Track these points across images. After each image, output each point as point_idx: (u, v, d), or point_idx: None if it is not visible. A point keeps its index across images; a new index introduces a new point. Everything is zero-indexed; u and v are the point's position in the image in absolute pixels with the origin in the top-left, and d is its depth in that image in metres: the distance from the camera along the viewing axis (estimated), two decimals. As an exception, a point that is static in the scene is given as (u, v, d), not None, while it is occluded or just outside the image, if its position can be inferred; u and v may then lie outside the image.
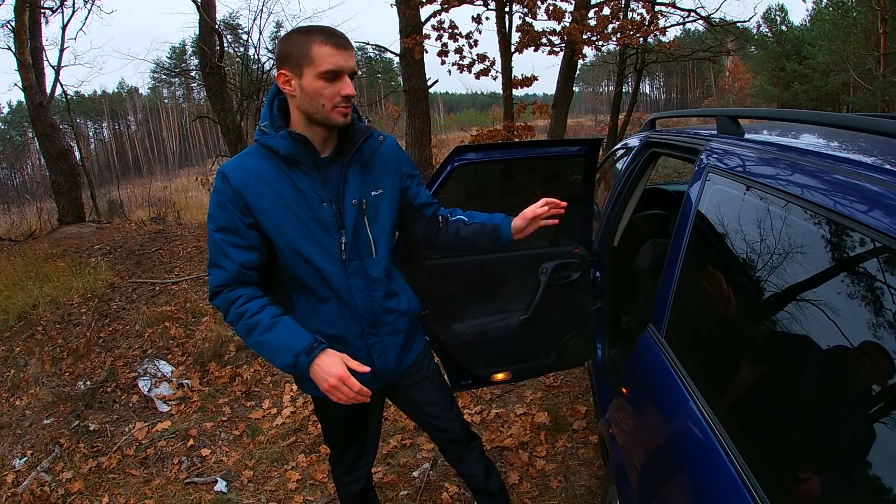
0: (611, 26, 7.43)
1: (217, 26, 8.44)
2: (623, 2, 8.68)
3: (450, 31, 7.21)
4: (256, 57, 9.58)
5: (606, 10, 7.80)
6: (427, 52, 7.37)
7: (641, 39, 8.61)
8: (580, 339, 2.22)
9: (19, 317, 4.66)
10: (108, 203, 11.63)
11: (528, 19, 7.15)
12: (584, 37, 7.12)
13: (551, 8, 7.04)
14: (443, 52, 7.24)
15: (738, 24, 11.43)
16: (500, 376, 2.19)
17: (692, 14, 9.93)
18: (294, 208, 1.35)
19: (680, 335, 1.33)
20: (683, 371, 1.22)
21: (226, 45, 8.65)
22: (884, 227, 0.77)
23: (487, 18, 7.38)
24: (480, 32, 7.46)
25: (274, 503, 2.43)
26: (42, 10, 8.92)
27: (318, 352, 1.30)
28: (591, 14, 7.62)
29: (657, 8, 9.01)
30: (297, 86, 1.30)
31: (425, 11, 7.40)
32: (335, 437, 1.71)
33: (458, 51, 7.26)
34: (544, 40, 7.28)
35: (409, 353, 1.61)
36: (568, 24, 7.03)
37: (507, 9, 7.28)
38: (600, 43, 7.58)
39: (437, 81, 8.24)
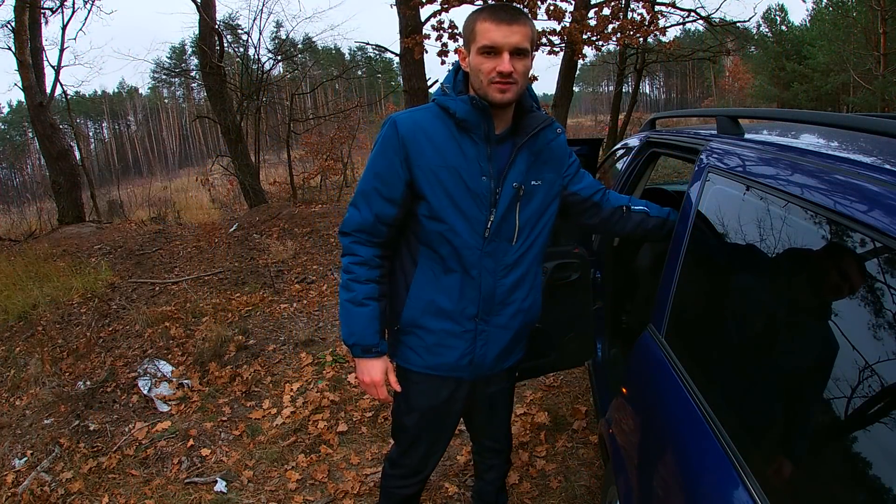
0: (611, 26, 7.43)
1: (217, 26, 8.44)
2: (623, 2, 8.67)
3: (450, 31, 7.20)
4: (256, 57, 9.59)
5: (606, 10, 7.80)
6: (427, 52, 7.37)
7: (641, 39, 8.61)
8: (580, 339, 2.22)
9: (19, 317, 4.66)
10: (108, 203, 11.65)
11: (528, 19, 7.14)
12: (584, 37, 7.11)
13: (551, 8, 7.03)
14: (443, 52, 7.24)
15: (738, 24, 11.43)
16: None
17: (692, 14, 9.92)
18: (453, 173, 1.34)
19: (680, 335, 1.33)
20: (683, 371, 1.22)
21: (226, 45, 8.66)
22: (884, 227, 0.77)
23: (488, 18, 7.37)
24: (480, 32, 7.44)
25: (274, 503, 2.44)
26: (42, 10, 8.92)
27: (372, 355, 1.45)
28: (591, 14, 7.62)
29: (657, 8, 9.00)
30: (468, 62, 1.34)
31: (425, 11, 7.40)
32: (407, 427, 1.60)
33: (459, 51, 7.26)
34: (544, 40, 7.28)
35: (508, 357, 1.56)
36: (568, 24, 7.03)
37: (507, 9, 7.26)
38: (600, 43, 7.58)
39: (437, 81, 8.23)
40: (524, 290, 1.48)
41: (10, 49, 8.32)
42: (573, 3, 7.57)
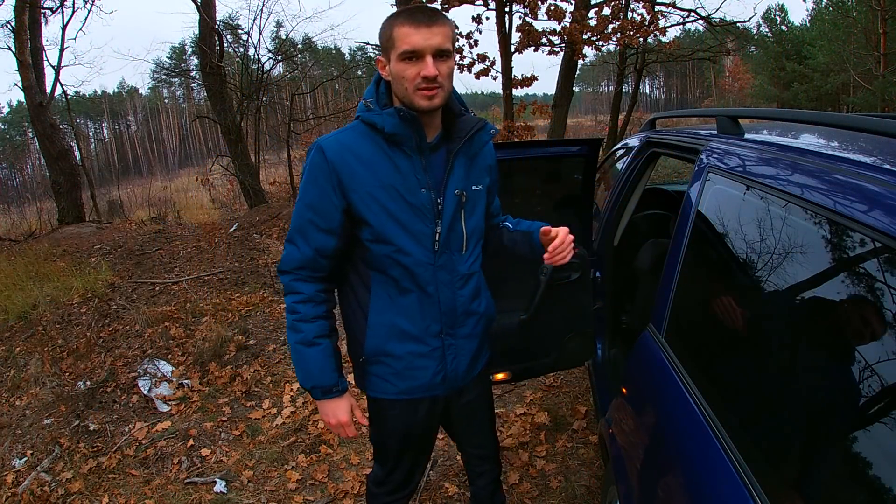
0: (611, 26, 7.44)
1: (217, 26, 8.44)
2: (623, 2, 8.67)
3: (450, 31, 7.20)
4: (256, 57, 9.58)
5: (606, 10, 7.81)
6: (427, 52, 7.37)
7: (641, 39, 8.61)
8: (580, 339, 2.21)
9: (19, 317, 4.66)
10: (108, 203, 11.66)
11: (528, 19, 7.16)
12: (585, 37, 7.12)
13: (552, 8, 7.05)
14: (443, 53, 7.24)
15: (738, 24, 11.43)
16: (499, 376, 2.19)
17: (692, 14, 9.92)
18: (390, 191, 1.28)
19: (680, 335, 1.33)
20: (683, 371, 1.22)
21: (226, 45, 8.66)
22: (884, 227, 0.77)
23: (487, 18, 7.39)
24: (480, 32, 7.47)
25: (274, 503, 2.44)
26: (42, 10, 8.93)
27: (334, 395, 1.40)
28: (591, 14, 7.63)
29: (657, 8, 9.00)
30: (389, 71, 1.27)
31: (425, 11, 7.40)
32: (388, 449, 1.57)
33: (458, 51, 7.26)
34: (544, 40, 7.29)
35: (479, 361, 1.54)
36: (568, 24, 7.04)
37: (507, 9, 7.28)
38: (600, 43, 7.59)
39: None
40: (480, 298, 1.47)
41: (10, 49, 8.33)
42: (573, 3, 7.57)
